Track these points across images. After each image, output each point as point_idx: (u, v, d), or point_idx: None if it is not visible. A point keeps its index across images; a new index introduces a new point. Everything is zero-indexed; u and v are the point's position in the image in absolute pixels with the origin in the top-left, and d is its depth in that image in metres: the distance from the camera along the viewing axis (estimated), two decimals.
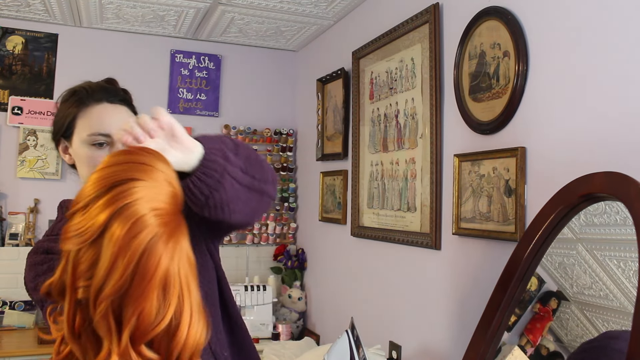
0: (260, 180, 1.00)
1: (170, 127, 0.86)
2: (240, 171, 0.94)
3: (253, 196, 0.98)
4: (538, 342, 1.41)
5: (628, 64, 1.38)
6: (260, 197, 1.01)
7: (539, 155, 1.64)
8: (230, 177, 0.91)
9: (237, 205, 0.94)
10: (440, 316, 2.06)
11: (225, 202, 0.91)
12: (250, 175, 0.97)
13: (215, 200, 0.90)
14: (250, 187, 0.97)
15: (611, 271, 1.28)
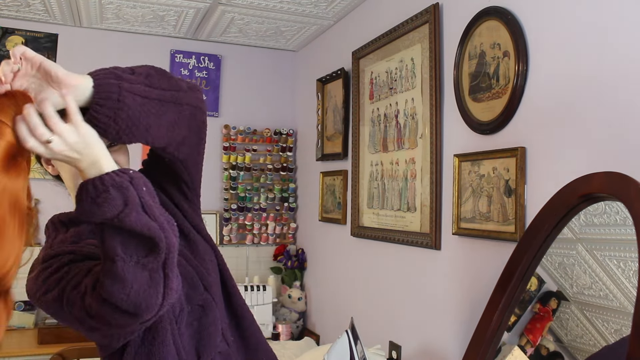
0: (172, 90, 0.96)
1: (40, 65, 0.82)
2: (142, 85, 0.90)
3: (168, 108, 0.95)
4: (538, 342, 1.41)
5: (628, 63, 1.38)
6: (178, 107, 0.97)
7: (539, 155, 1.64)
8: (130, 94, 0.87)
9: (150, 119, 0.91)
10: (440, 316, 2.06)
11: (135, 120, 0.88)
12: (156, 88, 0.93)
13: (123, 121, 0.87)
14: (161, 99, 0.93)
15: (611, 271, 1.28)
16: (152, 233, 0.81)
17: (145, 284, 0.83)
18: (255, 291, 3.21)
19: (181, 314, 1.05)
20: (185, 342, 1.04)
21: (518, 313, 1.48)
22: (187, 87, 1.02)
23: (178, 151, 1.05)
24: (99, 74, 0.86)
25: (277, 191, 3.59)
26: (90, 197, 0.81)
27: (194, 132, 1.05)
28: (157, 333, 1.01)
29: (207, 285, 1.11)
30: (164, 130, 0.96)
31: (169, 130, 0.97)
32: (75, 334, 2.79)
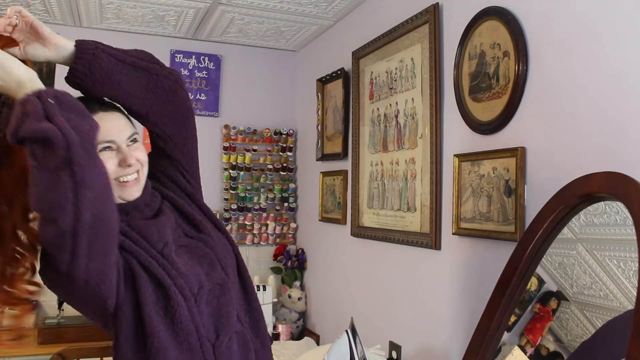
0: (147, 61, 1.15)
1: (32, 23, 1.03)
2: (117, 51, 1.11)
3: (141, 73, 1.13)
4: (538, 342, 1.41)
5: (628, 63, 1.39)
6: (152, 76, 1.14)
7: (539, 155, 1.64)
8: (105, 53, 1.08)
9: (123, 78, 1.10)
10: (440, 316, 2.06)
11: (108, 73, 1.07)
12: (131, 56, 1.13)
13: (97, 71, 1.06)
14: (135, 65, 1.12)
15: (611, 271, 1.28)
16: (47, 134, 0.86)
17: (45, 184, 0.87)
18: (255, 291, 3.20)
19: (200, 292, 1.09)
20: (205, 319, 1.08)
21: (518, 313, 1.48)
22: (165, 66, 1.18)
23: (162, 124, 1.18)
24: (82, 40, 1.07)
25: (277, 191, 3.59)
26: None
27: (176, 106, 1.19)
28: (173, 314, 1.04)
29: (225, 266, 1.16)
30: (138, 91, 1.12)
31: (144, 94, 1.13)
32: (76, 334, 2.79)
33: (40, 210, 0.90)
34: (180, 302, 1.05)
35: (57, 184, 0.87)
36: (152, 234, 1.12)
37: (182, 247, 1.15)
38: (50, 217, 0.88)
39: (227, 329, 1.12)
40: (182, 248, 1.15)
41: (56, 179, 0.87)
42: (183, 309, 1.05)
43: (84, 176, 0.88)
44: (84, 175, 0.87)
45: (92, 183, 0.89)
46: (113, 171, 1.09)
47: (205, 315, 1.09)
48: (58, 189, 0.87)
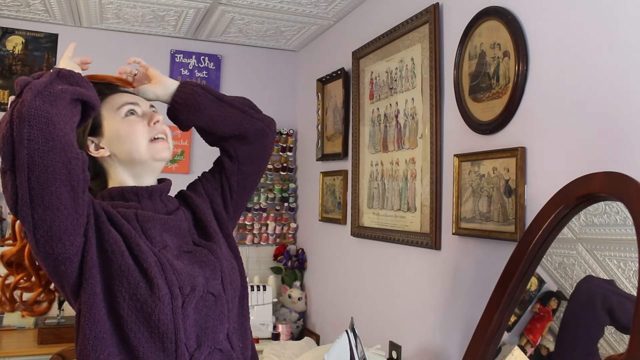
0: (245, 105, 1.31)
1: (147, 70, 1.25)
2: (217, 92, 1.27)
3: (234, 111, 1.27)
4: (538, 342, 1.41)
5: (628, 63, 1.39)
6: (245, 115, 1.29)
7: (539, 155, 1.64)
8: (204, 91, 1.24)
9: (214, 111, 1.24)
10: (440, 316, 2.06)
11: (201, 106, 1.22)
12: (229, 97, 1.28)
13: (192, 105, 1.22)
14: (231, 104, 1.27)
15: (611, 271, 1.28)
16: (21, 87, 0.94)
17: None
18: (255, 291, 3.21)
19: (191, 295, 1.05)
20: (188, 325, 1.04)
21: (518, 313, 1.48)
22: (262, 113, 1.35)
23: (240, 148, 1.28)
24: (187, 80, 1.27)
25: (277, 191, 3.59)
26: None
27: (259, 145, 1.31)
28: (151, 310, 1.00)
29: (225, 280, 1.13)
30: (228, 124, 1.26)
31: (233, 127, 1.26)
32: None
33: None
34: (163, 299, 1.00)
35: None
36: (155, 230, 1.10)
37: (185, 252, 1.13)
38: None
39: (211, 342, 1.07)
40: (185, 254, 1.12)
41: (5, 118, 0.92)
42: (166, 307, 1.00)
43: (23, 111, 0.90)
44: (22, 111, 0.90)
45: (31, 120, 0.90)
46: (144, 132, 1.14)
47: (190, 321, 1.04)
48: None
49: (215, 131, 1.25)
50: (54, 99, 0.93)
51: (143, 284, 1.00)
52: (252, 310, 3.18)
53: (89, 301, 0.99)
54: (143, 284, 1.00)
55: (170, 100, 1.23)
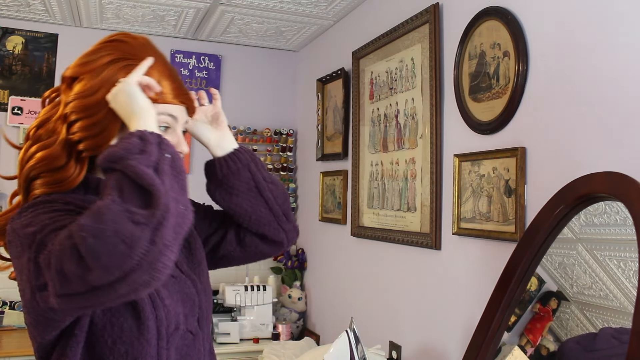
0: (277, 203, 1.17)
1: (218, 112, 1.17)
2: (261, 179, 1.15)
3: (265, 210, 1.15)
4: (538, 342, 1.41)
5: (628, 63, 1.38)
6: (272, 215, 1.16)
7: (539, 155, 1.64)
8: (249, 173, 1.14)
9: (243, 200, 1.13)
10: (440, 316, 2.06)
11: (235, 190, 1.12)
12: (269, 191, 1.15)
13: (226, 184, 1.12)
14: (266, 202, 1.15)
15: (611, 271, 1.28)
16: (153, 188, 0.76)
17: (122, 234, 0.72)
18: (255, 291, 3.20)
19: (175, 334, 0.97)
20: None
21: (518, 313, 1.48)
22: (291, 222, 1.22)
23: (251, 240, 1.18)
24: (245, 149, 1.17)
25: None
26: (114, 143, 0.86)
27: (271, 249, 1.21)
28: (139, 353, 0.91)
29: (201, 317, 1.06)
30: (251, 219, 1.14)
31: (255, 223, 1.15)
32: None
33: (90, 242, 0.73)
34: (150, 341, 0.92)
35: (126, 240, 0.72)
36: None
37: (171, 277, 1.01)
38: (91, 260, 0.72)
39: None
40: (171, 279, 1.01)
41: (131, 236, 0.73)
42: (152, 349, 0.92)
43: (158, 255, 0.75)
44: (157, 254, 0.75)
45: (164, 265, 0.77)
46: None
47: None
48: (124, 245, 0.72)
49: (235, 217, 1.15)
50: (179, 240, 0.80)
51: (131, 324, 0.91)
52: (252, 310, 3.18)
53: (68, 348, 0.90)
54: (131, 324, 0.91)
55: (215, 159, 1.13)
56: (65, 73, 1.01)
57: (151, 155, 0.81)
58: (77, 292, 0.76)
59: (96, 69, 0.97)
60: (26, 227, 0.86)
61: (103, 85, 0.96)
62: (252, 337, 3.15)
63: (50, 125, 0.99)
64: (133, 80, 0.92)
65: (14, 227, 0.89)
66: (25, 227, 0.86)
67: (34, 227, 0.85)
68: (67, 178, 0.95)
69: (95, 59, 0.99)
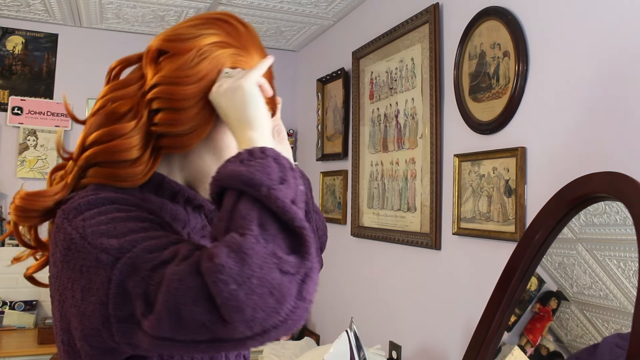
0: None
1: (279, 124, 0.98)
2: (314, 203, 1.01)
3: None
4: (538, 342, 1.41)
5: (627, 63, 1.38)
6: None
7: (539, 155, 1.64)
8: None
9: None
10: (440, 316, 2.06)
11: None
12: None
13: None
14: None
15: (611, 271, 1.28)
16: (304, 232, 0.63)
17: (270, 284, 0.59)
18: None
19: None
20: None
21: (518, 313, 1.48)
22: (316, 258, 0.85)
23: None
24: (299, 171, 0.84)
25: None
26: (240, 159, 0.67)
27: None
28: None
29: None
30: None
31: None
32: None
33: (231, 295, 0.58)
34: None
35: (274, 292, 0.60)
36: None
37: None
38: (227, 315, 0.58)
39: None
40: None
41: (279, 286, 0.60)
42: None
43: (303, 315, 0.64)
44: (303, 314, 0.64)
45: (303, 322, 0.65)
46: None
47: None
48: (272, 300, 0.60)
49: None
50: None
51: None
52: None
53: None
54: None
55: None
56: (152, 44, 0.80)
57: (290, 187, 0.66)
58: (188, 341, 0.61)
59: (196, 49, 0.77)
60: (102, 237, 0.67)
61: (205, 74, 0.77)
62: None
63: (128, 104, 0.78)
64: (254, 78, 0.74)
65: (81, 231, 0.68)
66: (101, 236, 0.67)
67: (117, 240, 0.66)
68: (135, 175, 0.77)
69: (195, 35, 0.79)
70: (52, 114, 3.24)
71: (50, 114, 3.23)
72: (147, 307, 0.61)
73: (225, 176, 0.66)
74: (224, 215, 0.64)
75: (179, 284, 0.59)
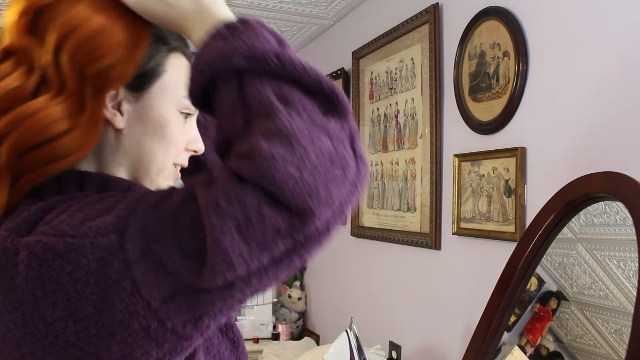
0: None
1: None
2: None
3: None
4: (538, 342, 1.41)
5: (627, 63, 1.39)
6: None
7: (539, 155, 1.64)
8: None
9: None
10: (440, 316, 2.06)
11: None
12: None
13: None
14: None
15: (611, 271, 1.28)
16: (332, 88, 0.57)
17: (328, 153, 0.52)
18: None
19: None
20: None
21: (518, 313, 1.48)
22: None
23: None
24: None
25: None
26: (222, 36, 0.55)
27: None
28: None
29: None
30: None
31: None
32: None
33: (296, 183, 0.49)
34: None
35: (335, 159, 0.53)
36: None
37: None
38: (302, 204, 0.50)
39: None
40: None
41: (335, 150, 0.54)
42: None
43: (366, 173, 0.58)
44: (365, 172, 0.58)
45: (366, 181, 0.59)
46: (177, 149, 0.70)
47: None
48: (335, 168, 0.52)
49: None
50: None
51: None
52: (252, 310, 3.18)
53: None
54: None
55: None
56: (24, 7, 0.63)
57: (290, 47, 0.57)
58: (257, 269, 0.52)
59: None
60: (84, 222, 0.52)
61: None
62: (251, 337, 3.15)
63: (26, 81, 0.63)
64: None
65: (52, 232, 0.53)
66: (83, 223, 0.52)
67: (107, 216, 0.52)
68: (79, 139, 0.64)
69: None
70: None
71: None
72: (194, 261, 0.49)
73: (216, 60, 0.54)
74: (230, 112, 0.53)
75: (227, 204, 0.48)
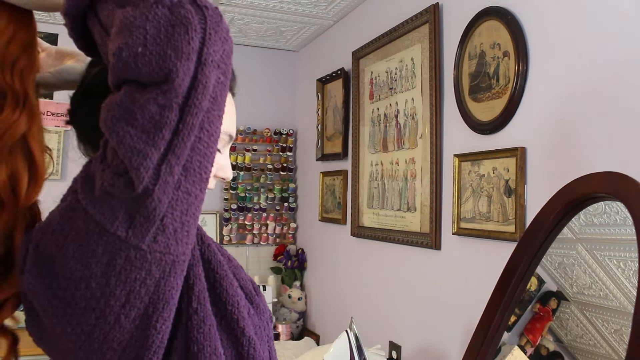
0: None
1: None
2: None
3: None
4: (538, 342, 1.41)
5: (627, 63, 1.39)
6: None
7: (539, 155, 1.64)
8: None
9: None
10: (440, 316, 2.06)
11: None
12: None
13: None
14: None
15: (611, 271, 1.28)
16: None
17: (163, 19, 0.56)
18: None
19: None
20: None
21: (518, 313, 1.48)
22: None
23: None
24: None
25: (277, 191, 3.59)
26: None
27: None
28: None
29: None
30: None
31: None
32: None
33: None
34: None
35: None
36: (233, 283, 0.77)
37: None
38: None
39: None
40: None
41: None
42: None
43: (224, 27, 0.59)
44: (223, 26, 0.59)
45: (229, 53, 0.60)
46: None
47: None
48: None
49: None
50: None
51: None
52: None
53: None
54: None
55: None
56: None
57: None
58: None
59: None
60: None
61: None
62: None
63: None
64: None
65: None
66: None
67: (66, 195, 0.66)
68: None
69: None
70: (52, 114, 3.24)
71: (50, 114, 3.23)
72: (120, 175, 0.57)
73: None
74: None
75: (122, 122, 0.57)
